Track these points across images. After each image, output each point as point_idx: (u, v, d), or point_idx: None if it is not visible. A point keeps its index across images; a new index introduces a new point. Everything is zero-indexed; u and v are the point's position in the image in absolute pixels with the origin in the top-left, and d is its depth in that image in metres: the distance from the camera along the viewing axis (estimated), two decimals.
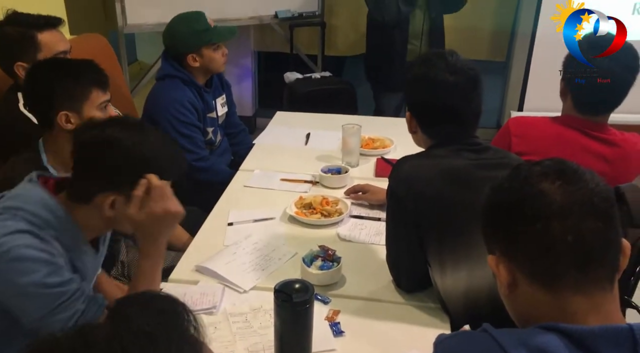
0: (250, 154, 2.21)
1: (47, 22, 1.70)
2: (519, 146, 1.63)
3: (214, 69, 2.22)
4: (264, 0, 3.43)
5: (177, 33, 2.16)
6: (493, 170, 1.23)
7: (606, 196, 0.77)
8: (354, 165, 2.07)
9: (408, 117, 1.38)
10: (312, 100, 3.24)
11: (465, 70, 1.30)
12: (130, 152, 1.12)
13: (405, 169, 1.31)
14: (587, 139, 1.60)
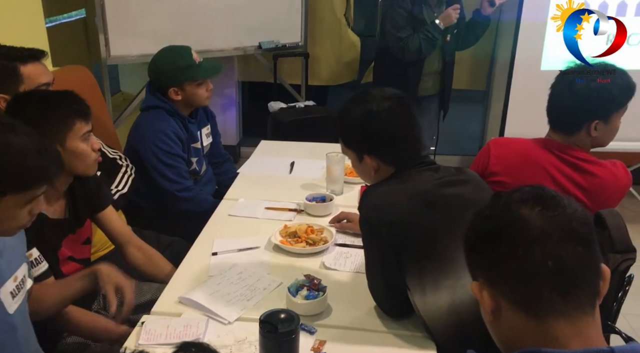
0: (234, 183, 2.21)
1: (30, 54, 1.70)
2: (495, 166, 1.67)
3: (196, 103, 2.21)
4: (248, 31, 3.48)
5: (161, 66, 2.17)
6: (457, 186, 1.33)
7: (584, 221, 0.78)
8: (338, 193, 2.07)
9: (366, 160, 1.37)
10: (296, 129, 3.26)
11: (393, 95, 1.37)
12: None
13: (374, 198, 1.34)
14: (562, 164, 1.62)
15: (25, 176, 1.10)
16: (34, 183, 1.12)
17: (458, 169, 1.43)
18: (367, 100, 1.36)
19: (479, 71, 3.90)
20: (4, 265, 1.22)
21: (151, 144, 2.09)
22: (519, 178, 1.63)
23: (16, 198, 1.11)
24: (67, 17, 3.36)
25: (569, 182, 1.61)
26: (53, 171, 1.15)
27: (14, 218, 1.14)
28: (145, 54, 3.10)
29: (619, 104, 1.60)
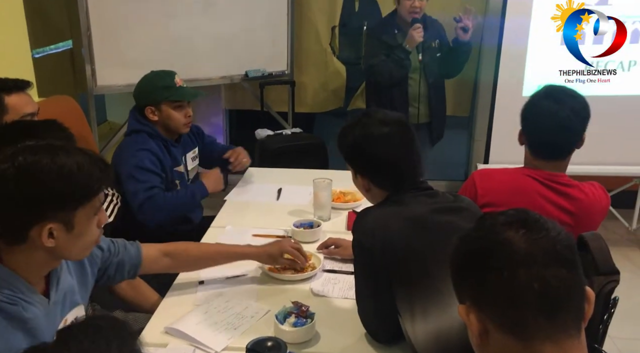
0: (221, 210, 2.20)
1: (15, 85, 1.71)
2: (484, 198, 1.67)
3: (172, 127, 2.19)
4: (234, 60, 3.51)
5: (141, 86, 2.19)
6: (451, 214, 1.33)
7: (568, 244, 0.79)
8: (325, 219, 2.07)
9: (359, 180, 1.41)
10: (283, 155, 3.28)
11: (395, 120, 1.39)
12: (51, 175, 1.05)
13: (369, 220, 1.34)
14: (547, 190, 1.65)
15: (88, 184, 1.11)
16: (97, 189, 1.13)
17: (456, 196, 1.44)
18: (368, 122, 1.38)
19: (463, 98, 3.96)
20: (58, 307, 1.21)
21: (128, 164, 2.07)
22: (508, 207, 1.63)
23: (86, 211, 1.12)
24: (54, 49, 3.38)
25: (557, 209, 1.63)
26: (108, 174, 1.16)
27: (88, 233, 1.15)
28: (132, 84, 3.07)
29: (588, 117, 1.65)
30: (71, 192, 1.08)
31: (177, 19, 3.24)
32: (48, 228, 1.07)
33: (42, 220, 1.07)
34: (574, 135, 1.63)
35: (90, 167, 1.11)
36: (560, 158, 1.67)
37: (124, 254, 1.46)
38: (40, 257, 1.12)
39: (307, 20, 3.90)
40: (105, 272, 1.42)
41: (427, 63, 3.06)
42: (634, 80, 3.17)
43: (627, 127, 3.22)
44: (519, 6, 3.12)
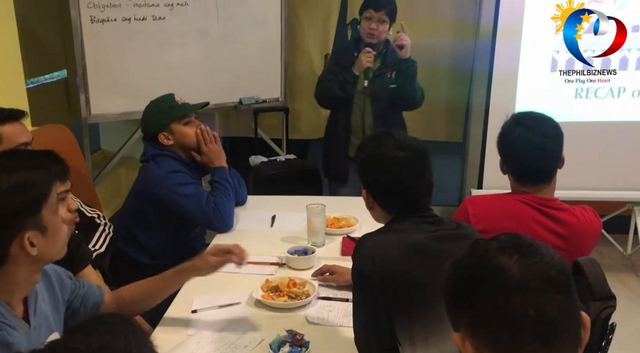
0: (215, 239, 2.19)
1: (9, 115, 1.72)
2: (477, 225, 1.67)
3: (189, 144, 2.22)
4: (228, 88, 3.54)
5: (147, 114, 2.22)
6: (451, 242, 1.31)
7: (562, 269, 0.79)
8: (320, 245, 2.06)
9: (364, 194, 1.42)
10: (277, 182, 3.27)
11: (413, 146, 1.37)
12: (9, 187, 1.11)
13: (369, 246, 1.33)
14: (539, 215, 1.65)
15: (42, 185, 1.15)
16: (50, 187, 1.16)
17: (459, 223, 1.43)
18: (385, 143, 1.37)
19: (455, 123, 3.99)
20: (37, 333, 1.21)
21: (163, 184, 2.09)
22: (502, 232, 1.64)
23: (49, 208, 1.15)
24: (49, 78, 3.40)
25: (549, 233, 1.63)
26: (59, 165, 1.22)
27: (60, 227, 1.19)
28: (126, 112, 3.14)
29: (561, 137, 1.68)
30: (29, 199, 1.12)
31: (171, 47, 3.28)
32: (27, 238, 1.11)
33: (18, 233, 1.10)
34: (551, 158, 1.66)
35: (38, 170, 1.16)
36: (544, 182, 1.69)
37: (88, 289, 1.44)
38: (22, 274, 1.14)
39: (300, 49, 3.95)
40: (72, 303, 1.40)
41: (374, 92, 2.90)
42: (624, 106, 3.21)
43: (619, 152, 3.25)
44: (509, 31, 3.17)
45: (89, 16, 2.97)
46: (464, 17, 3.77)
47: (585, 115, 3.18)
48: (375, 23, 2.80)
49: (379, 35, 2.84)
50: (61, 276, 1.37)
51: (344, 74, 2.87)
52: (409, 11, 3.70)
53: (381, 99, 2.94)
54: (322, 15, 3.91)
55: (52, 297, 1.32)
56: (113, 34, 3.07)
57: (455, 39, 3.83)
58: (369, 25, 2.82)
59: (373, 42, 2.84)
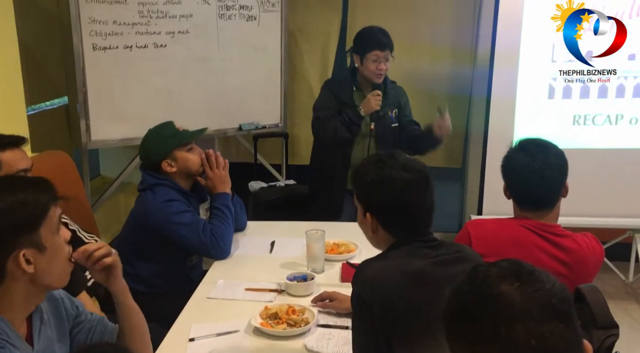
0: (213, 266, 2.17)
1: (9, 141, 1.73)
2: (478, 248, 1.66)
3: (193, 170, 2.22)
4: (228, 114, 3.56)
5: (148, 144, 2.22)
6: (452, 266, 1.31)
7: (563, 297, 0.78)
8: (319, 272, 2.04)
9: (368, 218, 1.38)
10: (276, 208, 3.26)
11: (417, 168, 1.37)
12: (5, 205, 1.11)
13: (368, 273, 1.32)
14: (542, 240, 1.64)
15: (39, 204, 1.15)
16: (47, 206, 1.17)
17: (460, 246, 1.42)
18: (390, 164, 1.36)
19: (454, 149, 4.00)
20: None
21: (160, 213, 2.09)
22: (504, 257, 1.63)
23: (47, 227, 1.16)
24: (50, 105, 3.42)
25: (552, 259, 1.62)
26: (51, 185, 1.21)
27: (60, 248, 1.20)
28: (126, 138, 3.15)
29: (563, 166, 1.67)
30: (27, 216, 1.13)
31: (171, 74, 3.31)
32: (22, 255, 1.11)
33: (14, 250, 1.11)
34: (550, 185, 1.65)
35: (37, 190, 1.17)
36: (545, 208, 1.68)
37: (99, 324, 1.40)
38: (22, 291, 1.14)
39: (299, 75, 4.00)
40: (71, 331, 1.35)
41: (379, 132, 2.85)
42: (622, 134, 3.22)
43: (619, 179, 3.25)
44: (506, 58, 3.20)
45: (91, 44, 3.00)
46: (461, 43, 3.82)
47: (583, 142, 3.19)
48: (384, 63, 2.77)
49: (383, 74, 2.81)
50: (68, 304, 1.34)
51: (348, 113, 2.78)
52: (408, 37, 3.76)
53: (385, 139, 2.88)
54: (322, 43, 3.97)
55: (58, 323, 1.30)
56: (114, 61, 3.10)
57: (453, 65, 3.87)
58: (378, 66, 2.75)
59: (380, 83, 2.81)
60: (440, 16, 3.85)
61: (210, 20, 3.37)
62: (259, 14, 3.53)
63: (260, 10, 3.53)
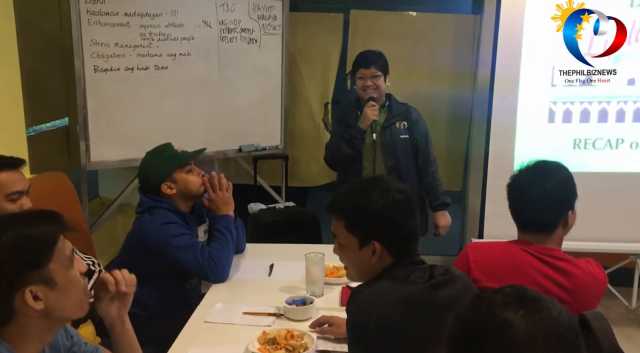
0: (211, 289, 2.15)
1: (7, 162, 1.72)
2: (478, 272, 1.64)
3: (193, 192, 2.21)
4: (228, 135, 3.57)
5: (147, 165, 2.21)
6: (443, 289, 1.31)
7: (570, 325, 0.76)
8: (318, 295, 2.02)
9: (373, 247, 1.35)
10: (276, 230, 3.24)
11: (403, 190, 1.39)
12: (9, 242, 1.06)
13: (363, 298, 1.30)
14: (542, 264, 1.62)
15: (44, 239, 1.11)
16: (54, 239, 1.12)
17: (447, 268, 1.41)
18: (388, 188, 1.37)
19: (455, 171, 4.00)
20: None
21: (157, 236, 2.07)
22: (503, 282, 1.61)
23: (58, 261, 1.12)
24: (50, 126, 3.42)
25: (552, 284, 1.60)
26: (59, 218, 1.16)
27: (74, 281, 1.15)
28: (125, 159, 3.15)
29: (574, 185, 1.65)
30: (31, 253, 1.09)
31: (172, 95, 3.32)
32: (29, 292, 1.07)
33: (20, 288, 1.07)
34: (548, 211, 1.63)
35: (42, 224, 1.13)
36: (544, 231, 1.65)
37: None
38: (36, 325, 1.10)
39: (300, 97, 4.01)
40: None
41: (386, 143, 2.88)
42: (623, 158, 3.22)
43: (621, 203, 3.23)
44: (506, 81, 3.22)
45: (92, 66, 3.02)
46: (461, 67, 3.85)
47: (584, 166, 3.19)
48: (370, 80, 2.84)
49: (378, 90, 2.85)
50: (63, 335, 1.30)
51: (350, 130, 2.84)
52: (408, 61, 3.79)
53: (393, 150, 2.90)
54: (322, 65, 4.00)
55: None
56: (115, 83, 3.11)
57: (453, 88, 3.90)
58: (364, 83, 2.85)
59: (374, 96, 2.85)
60: (440, 40, 3.89)
61: (211, 42, 3.39)
62: (260, 36, 3.56)
63: (262, 33, 3.56)
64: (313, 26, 3.96)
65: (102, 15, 2.98)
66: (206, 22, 3.35)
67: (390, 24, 3.90)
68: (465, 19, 3.90)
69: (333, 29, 3.96)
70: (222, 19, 3.40)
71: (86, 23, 2.95)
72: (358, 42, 3.88)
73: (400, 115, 2.93)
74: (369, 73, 2.84)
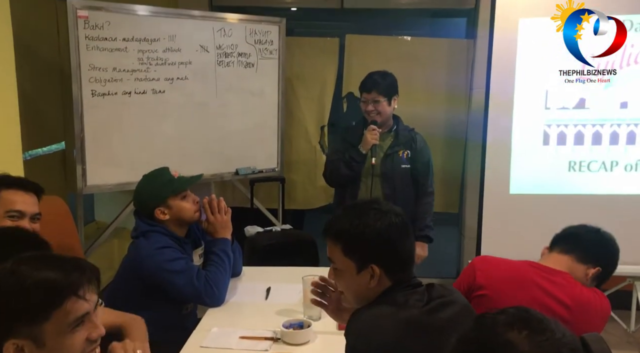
0: (207, 313, 2.13)
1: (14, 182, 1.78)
2: (481, 279, 1.68)
3: (186, 219, 2.20)
4: (225, 158, 3.57)
5: (142, 189, 2.21)
6: (442, 311, 1.30)
7: (573, 347, 0.76)
8: (316, 319, 2.00)
9: (372, 270, 1.34)
10: (272, 253, 3.23)
11: (400, 212, 1.39)
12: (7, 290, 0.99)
13: (363, 323, 1.29)
14: (543, 280, 1.64)
15: (49, 296, 1.02)
16: (60, 301, 1.02)
17: (446, 288, 1.41)
18: (386, 211, 1.36)
19: (451, 193, 4.01)
20: None
21: (152, 261, 2.06)
22: (504, 294, 1.64)
23: (55, 325, 1.02)
24: (47, 150, 3.43)
25: (552, 299, 1.61)
26: (76, 277, 1.05)
27: (64, 350, 1.03)
28: (121, 183, 3.14)
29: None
30: (27, 306, 1.00)
31: (169, 119, 3.34)
32: (13, 344, 1.00)
33: (6, 336, 1.00)
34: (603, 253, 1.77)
35: (51, 279, 1.03)
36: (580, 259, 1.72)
37: None
38: None
39: (296, 120, 4.04)
40: None
41: (386, 171, 2.87)
42: (618, 180, 3.23)
43: (616, 226, 3.20)
44: (500, 104, 3.24)
45: (90, 90, 3.03)
46: (456, 89, 3.89)
47: (580, 188, 3.20)
48: (372, 105, 2.85)
49: (379, 114, 2.85)
50: None
51: (350, 152, 2.85)
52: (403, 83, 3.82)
53: (392, 178, 2.89)
54: (318, 88, 4.03)
55: None
56: (113, 107, 3.13)
57: (448, 110, 3.93)
58: (366, 107, 2.87)
59: (377, 120, 2.86)
60: (435, 63, 3.94)
61: (209, 67, 3.42)
62: (257, 60, 3.60)
63: (258, 58, 3.60)
64: (309, 50, 4.01)
65: (100, 40, 3.01)
66: (203, 47, 3.39)
67: (385, 48, 3.95)
68: (459, 44, 3.96)
69: (329, 53, 4.01)
70: (220, 44, 3.44)
71: (85, 48, 2.98)
72: (353, 65, 3.92)
73: (405, 144, 2.92)
74: (370, 97, 2.85)
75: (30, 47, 3.08)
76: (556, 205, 3.12)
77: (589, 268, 1.70)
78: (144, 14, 3.17)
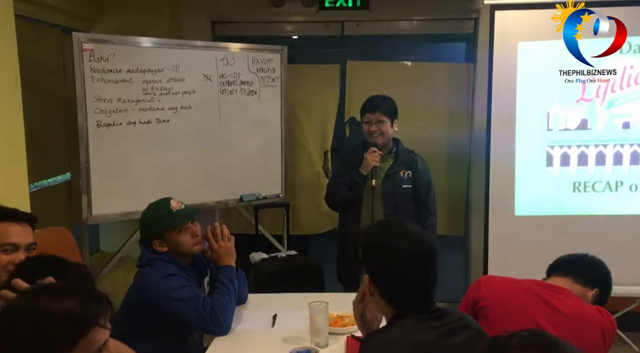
0: (213, 342, 2.11)
1: (7, 213, 1.73)
2: (484, 289, 1.72)
3: (184, 252, 2.19)
4: (229, 185, 3.58)
5: (143, 220, 2.21)
6: (455, 336, 1.29)
7: None
8: (323, 346, 1.98)
9: (366, 279, 1.37)
10: (278, 279, 3.21)
11: (424, 239, 1.35)
12: (26, 321, 0.99)
13: (374, 346, 1.28)
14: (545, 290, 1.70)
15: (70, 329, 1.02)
16: (79, 334, 1.02)
17: (461, 315, 1.40)
18: (396, 233, 1.35)
19: (456, 216, 4.00)
20: None
21: (159, 289, 2.05)
22: (505, 304, 1.69)
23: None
24: (52, 182, 3.45)
25: (551, 309, 1.62)
26: (97, 305, 1.06)
27: None
28: (127, 212, 3.15)
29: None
30: (55, 337, 1.01)
31: (173, 147, 3.36)
32: None
33: None
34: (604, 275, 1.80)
35: (75, 310, 1.04)
36: (578, 280, 1.75)
37: None
38: None
39: (300, 146, 4.06)
40: None
41: (387, 192, 2.88)
42: (623, 200, 3.22)
43: (624, 246, 3.20)
44: (502, 127, 3.25)
45: (95, 121, 3.06)
46: (458, 110, 3.91)
47: (586, 209, 3.19)
48: (375, 125, 2.87)
49: (382, 135, 2.88)
50: None
51: (351, 174, 2.87)
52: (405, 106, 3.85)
53: (394, 198, 2.89)
54: (321, 114, 4.07)
55: None
56: (118, 137, 3.15)
57: (450, 133, 3.95)
58: (369, 128, 2.88)
59: (378, 143, 2.88)
60: (436, 87, 3.97)
61: (212, 95, 3.46)
62: (259, 88, 3.64)
63: (261, 85, 3.64)
64: (311, 77, 4.06)
65: (105, 72, 3.05)
66: (207, 76, 3.43)
67: (386, 73, 4.00)
68: (459, 68, 4.00)
69: (330, 79, 4.05)
70: (222, 73, 3.48)
71: (90, 80, 3.01)
72: (355, 90, 3.96)
73: (405, 164, 2.93)
74: (374, 117, 2.87)
75: (36, 80, 3.12)
76: (563, 226, 3.10)
77: (587, 291, 1.74)
78: (148, 46, 3.22)
